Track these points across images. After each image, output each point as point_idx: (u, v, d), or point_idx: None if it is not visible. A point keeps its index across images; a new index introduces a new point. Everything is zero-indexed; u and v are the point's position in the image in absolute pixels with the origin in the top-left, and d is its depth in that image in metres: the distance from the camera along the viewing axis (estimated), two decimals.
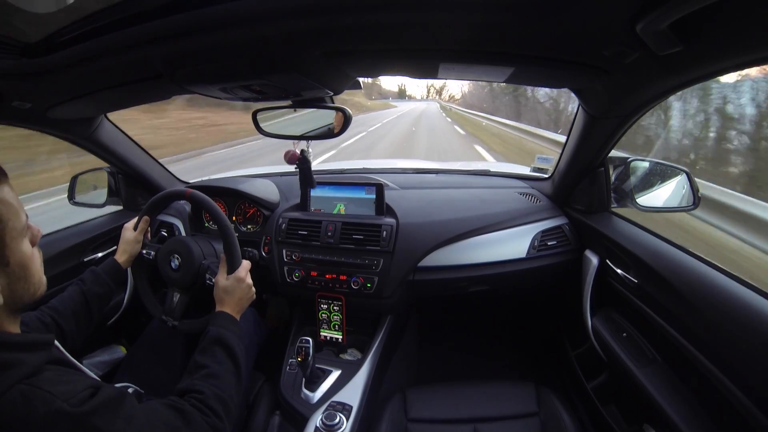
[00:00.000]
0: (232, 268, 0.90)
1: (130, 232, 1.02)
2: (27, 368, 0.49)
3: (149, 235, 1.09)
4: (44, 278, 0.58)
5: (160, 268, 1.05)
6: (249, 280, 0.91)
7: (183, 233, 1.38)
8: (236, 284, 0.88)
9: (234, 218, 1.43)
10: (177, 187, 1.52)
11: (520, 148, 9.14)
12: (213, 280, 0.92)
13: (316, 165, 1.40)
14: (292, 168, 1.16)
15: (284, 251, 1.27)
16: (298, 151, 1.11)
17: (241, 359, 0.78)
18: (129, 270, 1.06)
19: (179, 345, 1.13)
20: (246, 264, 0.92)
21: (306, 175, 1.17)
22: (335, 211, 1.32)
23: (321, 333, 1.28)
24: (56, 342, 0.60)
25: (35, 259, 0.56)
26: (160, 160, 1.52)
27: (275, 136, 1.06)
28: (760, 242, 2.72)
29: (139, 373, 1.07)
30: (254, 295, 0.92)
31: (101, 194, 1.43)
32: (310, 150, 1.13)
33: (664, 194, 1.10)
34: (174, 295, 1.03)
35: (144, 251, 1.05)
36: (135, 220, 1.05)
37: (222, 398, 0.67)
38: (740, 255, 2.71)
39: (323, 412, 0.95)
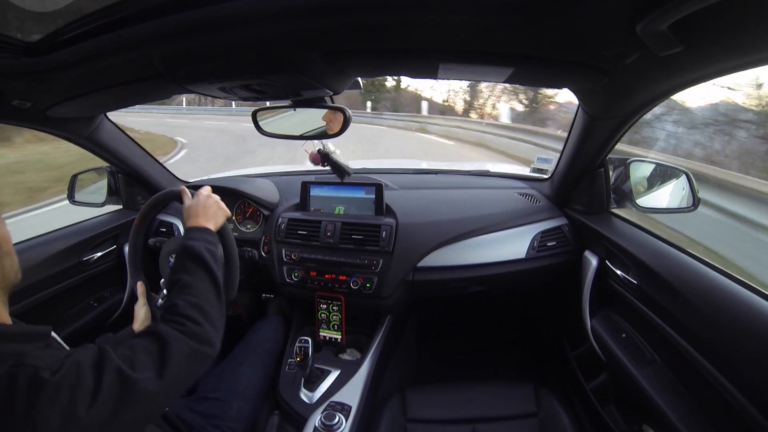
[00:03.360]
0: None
1: (139, 308, 0.96)
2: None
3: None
4: None
5: (162, 275, 1.06)
6: (205, 191, 0.89)
7: (182, 233, 1.38)
8: (195, 197, 0.87)
9: (234, 218, 1.43)
10: (176, 187, 1.52)
11: None
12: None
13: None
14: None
15: (284, 251, 1.27)
16: (315, 151, 1.11)
17: (213, 264, 0.75)
18: (128, 269, 1.04)
19: None
20: (206, 187, 0.91)
21: (338, 168, 1.18)
22: (335, 211, 1.32)
23: (320, 333, 1.28)
24: (53, 334, 0.59)
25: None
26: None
27: (275, 136, 1.07)
28: None
29: None
30: (219, 202, 0.90)
31: (101, 194, 1.44)
32: (328, 143, 1.13)
33: (663, 195, 1.10)
34: None
35: (150, 241, 1.08)
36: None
37: (196, 304, 0.66)
38: None
39: (322, 412, 0.95)
